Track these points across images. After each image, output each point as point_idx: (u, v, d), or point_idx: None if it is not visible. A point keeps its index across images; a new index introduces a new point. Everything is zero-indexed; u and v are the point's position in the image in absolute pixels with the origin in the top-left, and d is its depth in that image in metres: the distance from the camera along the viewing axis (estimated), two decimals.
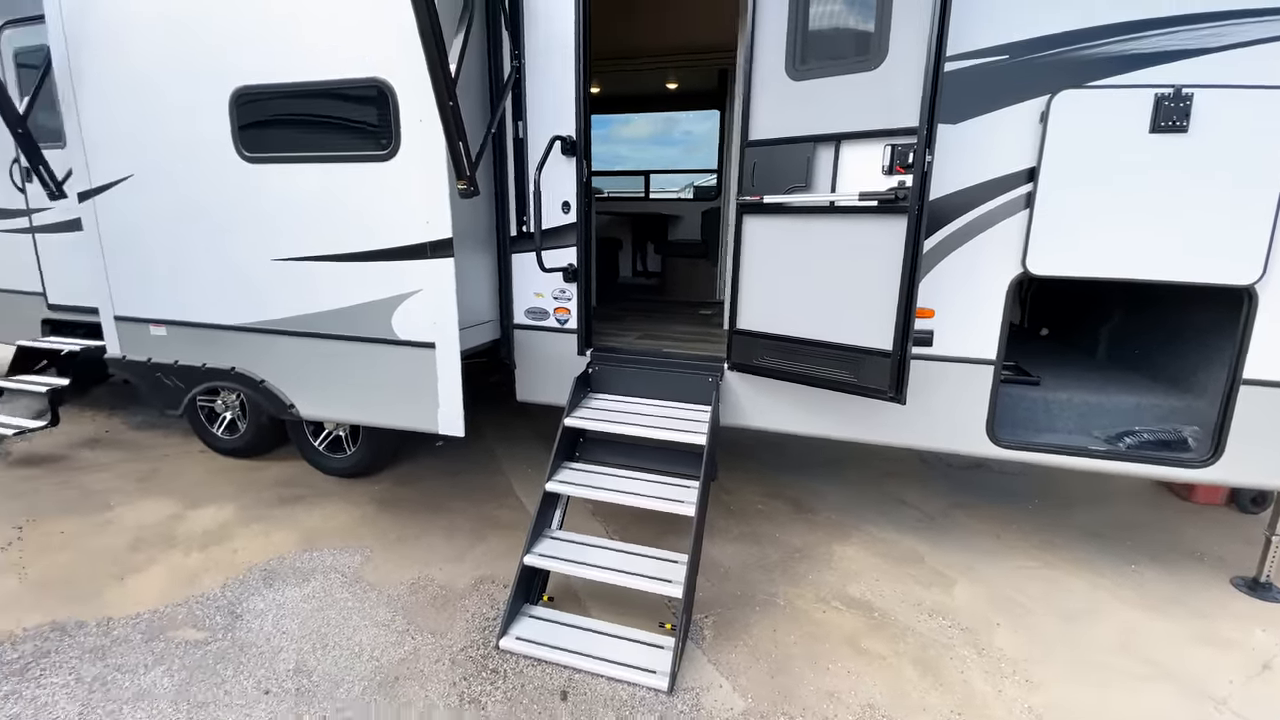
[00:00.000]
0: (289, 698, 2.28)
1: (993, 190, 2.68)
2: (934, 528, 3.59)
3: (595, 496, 2.81)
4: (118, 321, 3.54)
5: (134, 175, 3.27)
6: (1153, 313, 3.42)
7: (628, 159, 7.43)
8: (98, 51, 3.18)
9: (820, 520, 3.65)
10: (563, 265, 3.25)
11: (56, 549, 3.18)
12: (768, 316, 2.85)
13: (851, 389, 2.66)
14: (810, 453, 4.52)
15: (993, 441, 2.86)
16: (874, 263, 2.52)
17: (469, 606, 2.81)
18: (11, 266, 4.44)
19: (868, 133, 2.49)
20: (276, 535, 3.35)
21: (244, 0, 2.89)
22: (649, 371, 3.28)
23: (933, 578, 3.11)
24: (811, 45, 2.61)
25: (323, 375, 3.19)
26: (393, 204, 2.85)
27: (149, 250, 3.35)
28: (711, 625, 2.72)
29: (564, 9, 3.01)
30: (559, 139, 3.08)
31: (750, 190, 2.77)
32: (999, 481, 4.21)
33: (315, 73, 2.86)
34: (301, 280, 3.06)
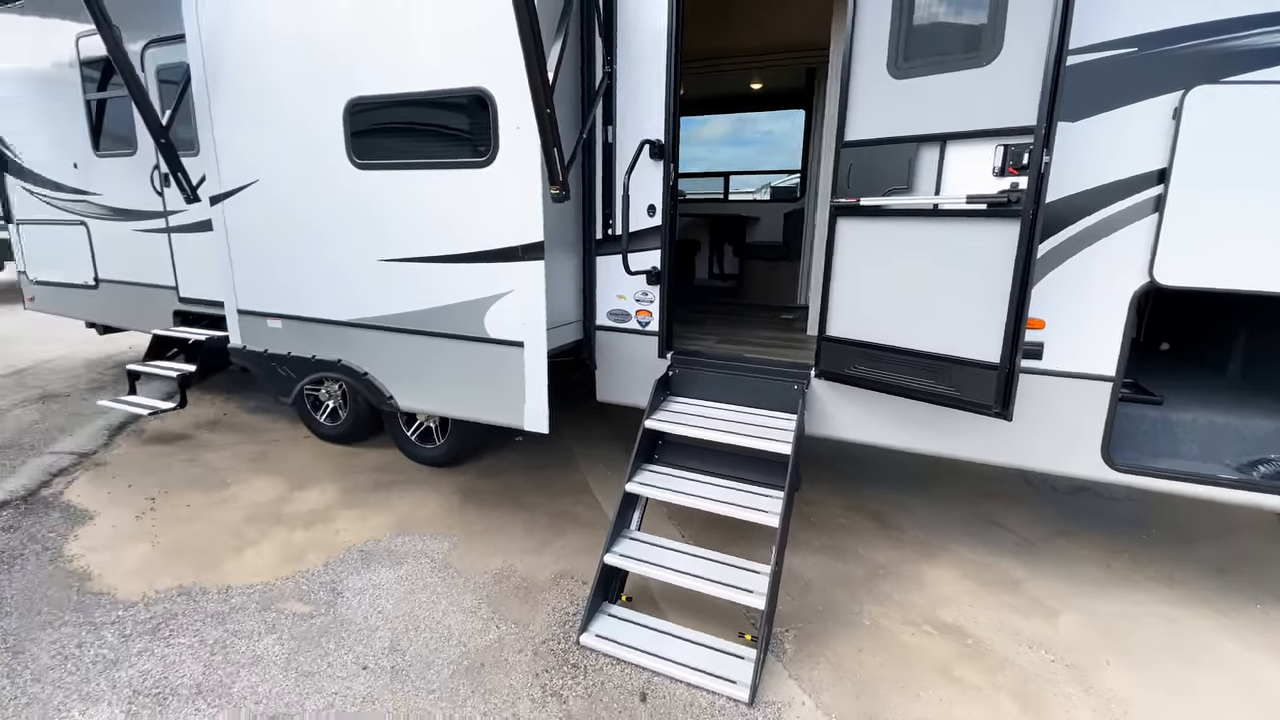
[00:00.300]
0: (384, 675, 2.41)
1: (1116, 193, 2.48)
2: (1033, 553, 3.36)
3: (675, 500, 2.81)
4: (240, 315, 3.86)
5: (258, 181, 3.56)
6: None
7: (702, 160, 7.37)
8: (230, 68, 3.48)
9: (906, 538, 3.49)
10: (646, 268, 3.27)
11: (183, 520, 3.51)
12: (861, 323, 2.75)
13: (952, 403, 2.53)
14: (895, 466, 4.34)
15: (1108, 464, 2.64)
16: (981, 269, 2.38)
17: (549, 600, 2.88)
18: (150, 263, 4.93)
19: (977, 132, 2.36)
20: (373, 519, 3.55)
21: (360, 18, 3.07)
22: (731, 376, 3.25)
23: (1032, 607, 2.91)
24: (916, 41, 2.49)
25: (420, 370, 3.35)
26: (489, 208, 2.96)
27: (268, 250, 3.64)
28: (792, 639, 2.65)
29: (656, 14, 3.02)
30: (648, 143, 3.11)
31: (846, 192, 2.68)
32: (1107, 507, 3.89)
33: (422, 83, 3.01)
34: (403, 280, 3.23)
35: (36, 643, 2.55)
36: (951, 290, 2.47)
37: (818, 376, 3.01)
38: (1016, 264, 2.28)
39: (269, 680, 2.37)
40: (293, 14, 3.23)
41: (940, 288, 2.50)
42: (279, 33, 3.29)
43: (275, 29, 3.30)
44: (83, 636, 2.59)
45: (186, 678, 2.38)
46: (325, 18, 3.16)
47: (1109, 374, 2.59)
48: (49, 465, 4.16)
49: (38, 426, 4.81)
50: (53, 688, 2.32)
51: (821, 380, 3.01)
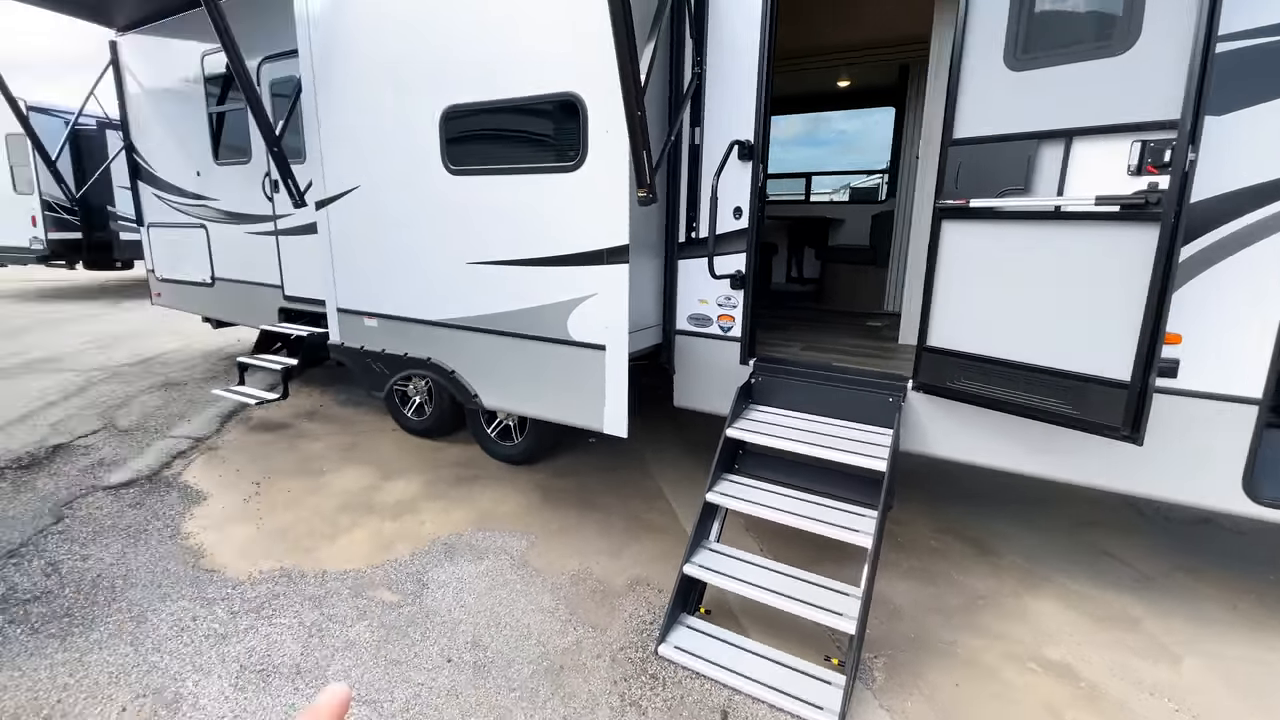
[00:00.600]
0: (468, 669, 2.45)
1: (1269, 195, 2.20)
2: (1150, 589, 3.05)
3: (758, 513, 2.72)
4: (340, 313, 4.07)
5: (360, 187, 3.74)
6: None
7: (776, 161, 7.13)
8: (337, 80, 3.67)
9: (1005, 565, 3.25)
10: (730, 272, 3.20)
11: (284, 505, 3.73)
12: (969, 334, 2.57)
13: (1073, 423, 2.32)
14: (987, 486, 4.06)
15: (1250, 497, 2.35)
16: (1111, 277, 2.17)
17: (625, 606, 2.86)
18: (259, 264, 5.30)
19: (1109, 127, 2.16)
20: (455, 513, 3.65)
21: (457, 29, 3.17)
22: (817, 386, 3.12)
23: (1152, 648, 2.63)
24: (1039, 30, 2.31)
25: (504, 370, 3.42)
26: (576, 212, 2.98)
27: (367, 252, 3.81)
28: (882, 667, 2.51)
29: (750, 11, 2.95)
30: (737, 143, 3.03)
31: (954, 194, 2.52)
32: (1232, 542, 3.48)
33: (515, 90, 3.06)
34: (491, 282, 3.30)
35: (157, 613, 2.76)
36: (1075, 300, 2.27)
37: (915, 389, 2.84)
38: (1154, 272, 2.06)
39: (361, 665, 2.46)
40: (395, 28, 3.37)
41: (1061, 297, 2.30)
42: (382, 46, 3.45)
43: (378, 43, 3.46)
44: (197, 610, 2.79)
45: (287, 657, 2.51)
46: (425, 31, 3.27)
47: (1254, 396, 2.30)
48: (170, 448, 4.54)
49: (161, 411, 5.27)
50: (170, 657, 2.50)
51: (920, 393, 2.84)
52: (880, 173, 5.82)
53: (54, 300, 10.89)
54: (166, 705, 2.27)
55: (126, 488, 3.93)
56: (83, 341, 7.69)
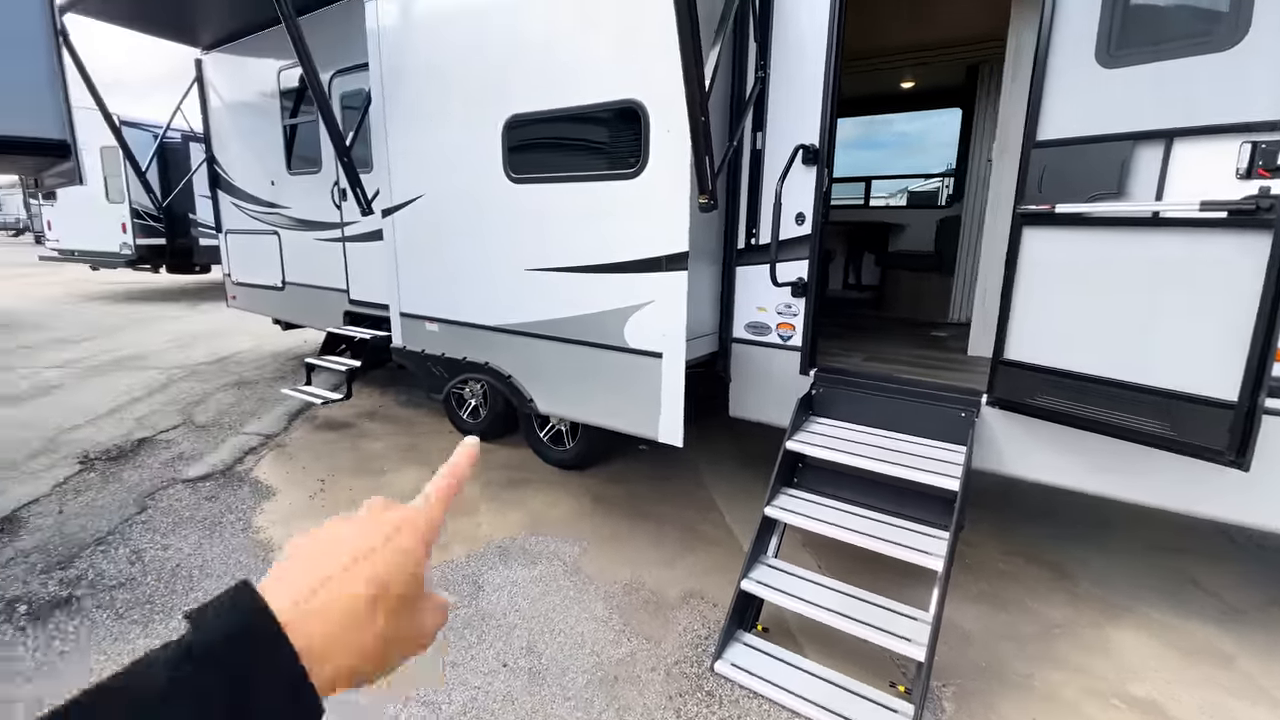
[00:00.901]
0: (523, 675, 2.46)
1: None
2: (1243, 623, 2.81)
3: (821, 530, 2.63)
4: (402, 317, 4.19)
5: (424, 195, 3.84)
6: None
7: (869, 166, 6.88)
8: (404, 92, 3.78)
9: (1081, 592, 3.05)
10: (792, 279, 3.12)
11: (347, 503, 3.85)
12: (1051, 347, 2.42)
13: (1170, 445, 2.15)
14: (1063, 508, 3.83)
15: None
16: (1215, 288, 2.01)
17: (680, 619, 2.82)
18: (327, 269, 5.52)
19: (1215, 128, 2.00)
20: (510, 515, 3.69)
21: (520, 38, 3.21)
22: (883, 399, 3.01)
23: (1248, 688, 2.41)
24: (1134, 24, 2.16)
25: (559, 375, 3.44)
26: (635, 219, 2.97)
27: (430, 258, 3.91)
28: (951, 697, 2.39)
29: (819, 11, 2.88)
30: (801, 148, 2.96)
31: (1037, 199, 2.38)
32: None
33: (576, 98, 3.08)
34: (548, 289, 3.33)
35: None
36: (1173, 312, 2.11)
37: (990, 404, 2.70)
38: (1266, 282, 1.89)
39: (420, 665, 2.50)
40: (461, 41, 3.45)
41: (1157, 309, 2.14)
42: (448, 59, 3.53)
43: (445, 55, 3.54)
44: None
45: None
46: (490, 41, 3.33)
47: None
48: (243, 444, 4.76)
49: (234, 409, 5.54)
50: None
51: (995, 409, 2.70)
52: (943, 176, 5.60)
53: (140, 301, 11.65)
54: None
55: (203, 481, 4.14)
56: (165, 340, 8.19)
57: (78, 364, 6.96)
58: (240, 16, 5.52)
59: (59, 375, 6.49)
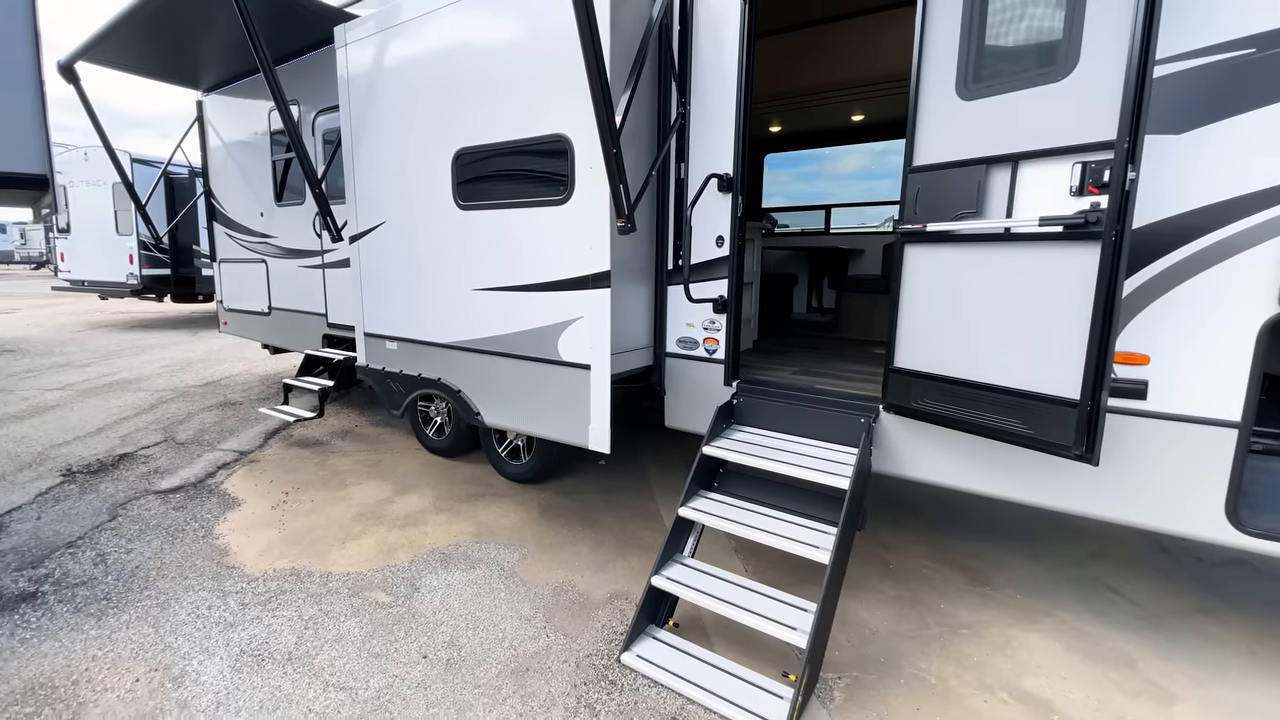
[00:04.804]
0: (440, 665, 2.60)
1: (1234, 211, 2.18)
2: (1157, 629, 2.89)
3: (727, 528, 2.78)
4: (366, 337, 4.43)
5: (385, 223, 4.12)
6: None
7: (832, 194, 7.05)
8: (370, 129, 4.10)
9: (999, 597, 3.15)
10: (712, 296, 3.33)
11: (306, 513, 4.03)
12: (930, 355, 2.60)
13: (1029, 443, 2.31)
14: (994, 518, 3.94)
15: (1234, 525, 2.25)
16: (1059, 296, 2.19)
17: (601, 617, 2.95)
18: (308, 294, 5.81)
19: (1052, 150, 2.21)
20: (458, 525, 3.85)
21: (465, 80, 3.51)
22: (797, 407, 3.18)
23: (1144, 688, 2.50)
24: (986, 61, 2.40)
25: (503, 388, 3.64)
26: (565, 241, 3.21)
27: (390, 281, 4.17)
28: (844, 688, 2.50)
29: (727, 59, 3.15)
30: (715, 176, 3.21)
31: (913, 218, 2.59)
32: (1268, 586, 3.24)
33: (514, 133, 3.35)
34: (493, 307, 3.56)
35: (179, 601, 3.06)
36: (1026, 319, 2.29)
37: (886, 410, 2.87)
38: (1098, 289, 2.08)
39: (345, 656, 2.65)
40: (416, 83, 3.77)
41: (1014, 317, 2.32)
42: (405, 99, 3.85)
43: (402, 96, 3.86)
44: (213, 600, 3.07)
45: (282, 645, 2.73)
46: (440, 83, 3.64)
47: (1232, 419, 2.22)
48: (217, 459, 4.98)
49: (215, 427, 5.78)
50: (183, 639, 2.77)
51: (891, 414, 2.87)
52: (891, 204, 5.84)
53: (143, 329, 12.06)
54: (173, 679, 2.52)
55: (174, 493, 4.34)
56: (161, 365, 8.51)
57: (75, 387, 7.26)
58: (235, 62, 5.96)
59: (57, 397, 6.79)
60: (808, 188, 7.10)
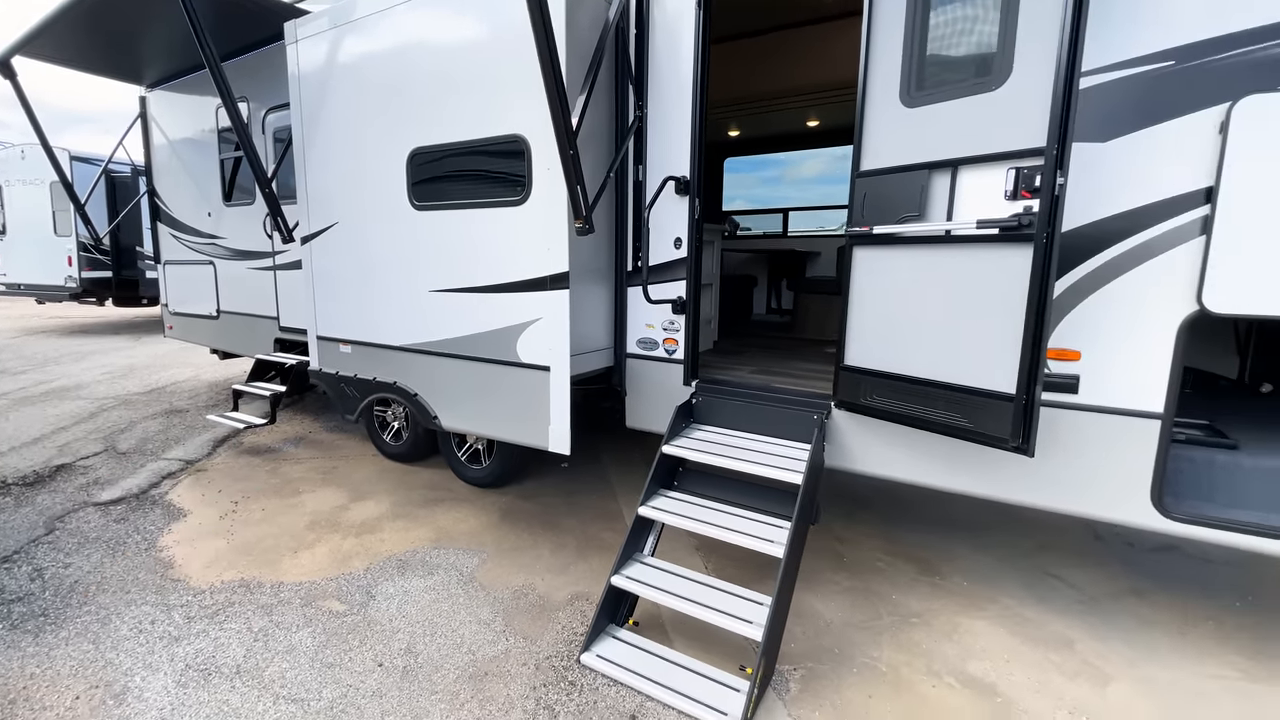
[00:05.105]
0: (396, 673, 2.56)
1: (1156, 214, 2.31)
2: (1095, 612, 3.04)
3: (686, 526, 2.82)
4: (319, 340, 4.33)
5: (338, 223, 4.03)
6: None
7: (792, 198, 7.15)
8: (321, 128, 4.01)
9: (948, 586, 3.26)
10: (671, 298, 3.37)
11: (256, 522, 3.91)
12: (877, 353, 2.69)
13: (969, 436, 2.40)
14: (945, 511, 4.07)
15: (1159, 512, 2.39)
16: (995, 296, 2.29)
17: (561, 619, 2.94)
18: (259, 297, 5.64)
19: (989, 156, 2.31)
20: (416, 531, 3.79)
21: (420, 78, 3.47)
22: (753, 406, 3.24)
23: (1082, 669, 2.62)
24: (928, 71, 2.49)
25: (460, 391, 3.60)
26: (523, 242, 3.20)
27: (343, 283, 4.09)
28: (799, 679, 2.55)
29: (683, 64, 3.20)
30: (672, 179, 3.24)
31: (860, 221, 2.67)
32: (1197, 570, 3.44)
33: (470, 133, 3.33)
34: (449, 309, 3.52)
35: (121, 616, 2.93)
36: (966, 318, 2.38)
37: (837, 407, 2.95)
38: (1031, 288, 2.18)
39: (297, 668, 2.59)
40: (368, 81, 3.71)
41: (954, 315, 2.42)
42: (357, 97, 3.78)
43: (354, 95, 3.79)
44: (156, 615, 2.95)
45: (230, 659, 2.64)
46: (393, 81, 3.59)
47: (1156, 411, 2.36)
48: (161, 469, 4.78)
49: (160, 436, 5.55)
50: (125, 655, 2.66)
51: (842, 411, 2.94)
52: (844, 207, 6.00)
53: (83, 335, 11.50)
54: (114, 696, 2.42)
55: (115, 504, 4.16)
56: (102, 372, 8.13)
57: (10, 395, 6.88)
58: (180, 58, 5.75)
59: None
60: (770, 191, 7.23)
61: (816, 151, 6.74)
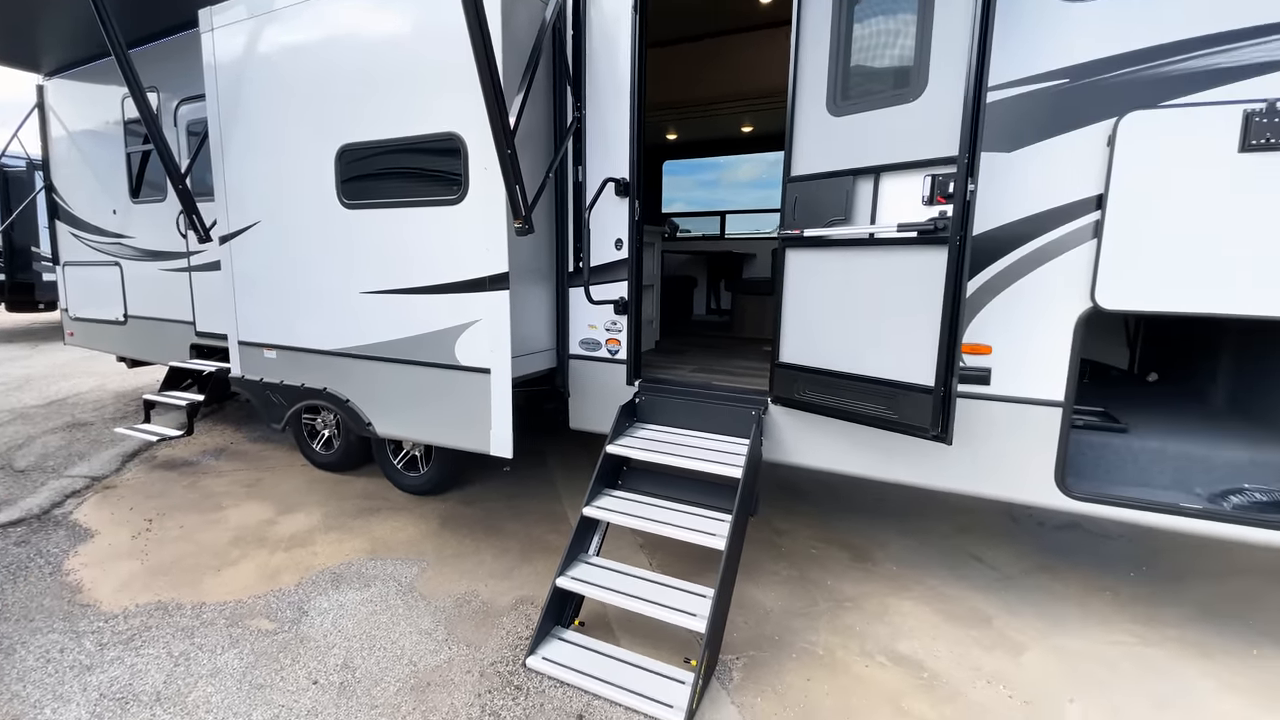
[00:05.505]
0: (332, 690, 2.47)
1: (1055, 219, 2.51)
2: (1010, 588, 3.26)
3: (631, 524, 2.84)
4: (241, 346, 4.11)
5: (260, 222, 3.84)
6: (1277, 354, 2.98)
7: (729, 201, 7.28)
8: (240, 121, 3.82)
9: (879, 571, 3.43)
10: (613, 298, 3.39)
11: (174, 540, 3.67)
12: (808, 350, 2.80)
13: (893, 426, 2.54)
14: (875, 500, 4.28)
15: (1063, 492, 2.59)
16: (915, 295, 2.43)
17: (506, 624, 2.91)
18: (172, 300, 5.29)
19: (907, 164, 2.45)
20: (350, 543, 3.66)
21: (350, 74, 3.36)
22: (694, 403, 3.30)
23: (998, 641, 2.82)
24: (852, 82, 2.62)
25: (396, 396, 3.50)
26: (460, 242, 3.15)
27: (266, 285, 3.90)
28: (741, 667, 2.63)
29: (621, 67, 3.23)
30: (611, 181, 3.27)
31: (792, 224, 2.78)
32: (1097, 546, 3.75)
33: (404, 129, 3.25)
34: (383, 311, 3.42)
35: (26, 646, 2.70)
36: (889, 316, 2.52)
37: (774, 402, 3.05)
38: (946, 287, 2.33)
39: (223, 691, 2.45)
40: (293, 74, 3.56)
41: (879, 313, 2.55)
42: (282, 90, 3.62)
43: (279, 87, 3.63)
44: (65, 643, 2.73)
45: (149, 686, 2.48)
46: (321, 75, 3.46)
47: (1058, 399, 2.57)
48: (65, 487, 4.42)
49: (61, 451, 5.12)
50: (33, 687, 2.45)
51: (777, 406, 3.05)
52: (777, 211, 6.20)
53: None
54: None
55: (14, 526, 3.82)
56: None
57: None
58: (83, 44, 5.33)
59: None
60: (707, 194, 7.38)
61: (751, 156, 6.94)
